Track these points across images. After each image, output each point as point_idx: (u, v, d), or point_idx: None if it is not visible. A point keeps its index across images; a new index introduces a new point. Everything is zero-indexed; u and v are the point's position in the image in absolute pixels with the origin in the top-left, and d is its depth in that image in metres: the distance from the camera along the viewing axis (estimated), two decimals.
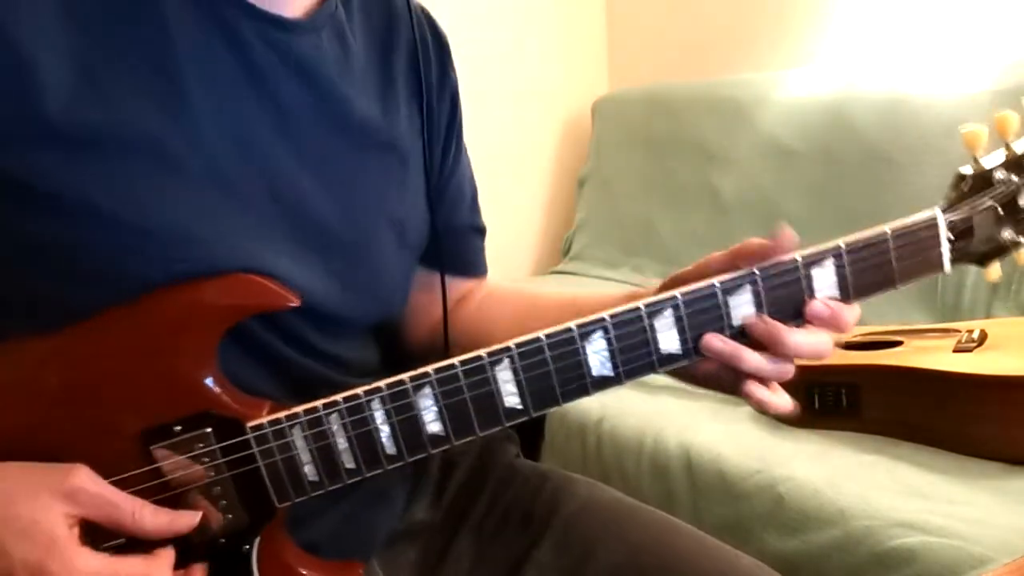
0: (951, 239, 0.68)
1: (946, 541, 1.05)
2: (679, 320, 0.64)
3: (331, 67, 0.72)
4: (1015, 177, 0.68)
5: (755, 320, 0.65)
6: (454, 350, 0.74)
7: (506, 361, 0.63)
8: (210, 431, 0.62)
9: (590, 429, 1.60)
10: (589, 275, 2.37)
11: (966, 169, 0.69)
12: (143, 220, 0.60)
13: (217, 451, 0.63)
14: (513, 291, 0.94)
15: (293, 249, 0.68)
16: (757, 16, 2.23)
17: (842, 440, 1.32)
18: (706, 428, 1.44)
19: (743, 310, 0.65)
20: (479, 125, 1.23)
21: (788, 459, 1.29)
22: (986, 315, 1.55)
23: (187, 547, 0.63)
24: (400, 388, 0.63)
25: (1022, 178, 0.68)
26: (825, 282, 0.66)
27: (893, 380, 1.29)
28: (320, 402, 0.63)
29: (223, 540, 0.64)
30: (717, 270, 0.66)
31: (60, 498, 0.57)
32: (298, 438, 0.63)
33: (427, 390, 0.63)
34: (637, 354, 0.65)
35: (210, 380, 0.63)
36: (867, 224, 0.67)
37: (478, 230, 0.93)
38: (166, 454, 0.62)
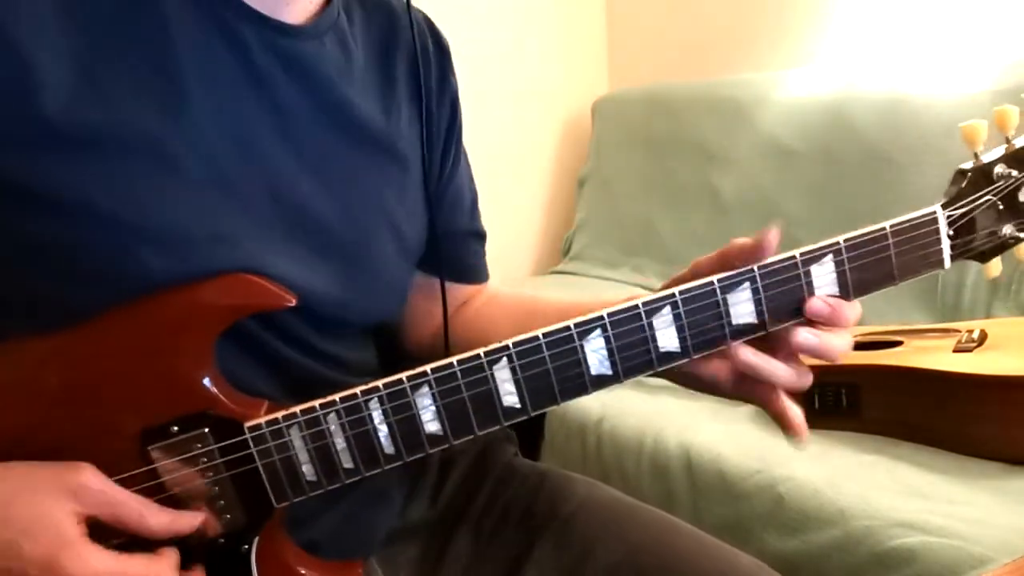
0: (951, 235, 0.68)
1: (946, 541, 1.05)
2: (678, 318, 0.64)
3: (332, 71, 0.72)
4: (1015, 172, 0.68)
5: (819, 305, 0.65)
6: (453, 355, 0.74)
7: (504, 360, 0.63)
8: (208, 431, 0.62)
9: (590, 429, 1.60)
10: (589, 275, 2.37)
11: (966, 165, 0.69)
12: (142, 220, 0.60)
13: (215, 451, 0.62)
14: (513, 297, 0.94)
15: (292, 249, 0.68)
16: (757, 16, 2.23)
17: (842, 440, 1.31)
18: (706, 428, 1.44)
19: (741, 308, 0.65)
20: (479, 125, 1.23)
21: (788, 459, 1.29)
22: (986, 315, 1.55)
23: (186, 547, 0.62)
24: (398, 388, 0.63)
25: (1022, 173, 0.68)
26: (825, 279, 0.66)
27: (893, 380, 1.28)
28: (317, 402, 0.63)
29: (222, 540, 0.64)
30: (708, 273, 0.66)
31: (67, 495, 0.57)
32: (296, 438, 0.63)
33: (425, 389, 0.63)
34: (636, 352, 0.65)
35: (208, 380, 0.63)
36: (867, 224, 0.67)
37: (478, 235, 0.93)
38: (163, 454, 0.62)
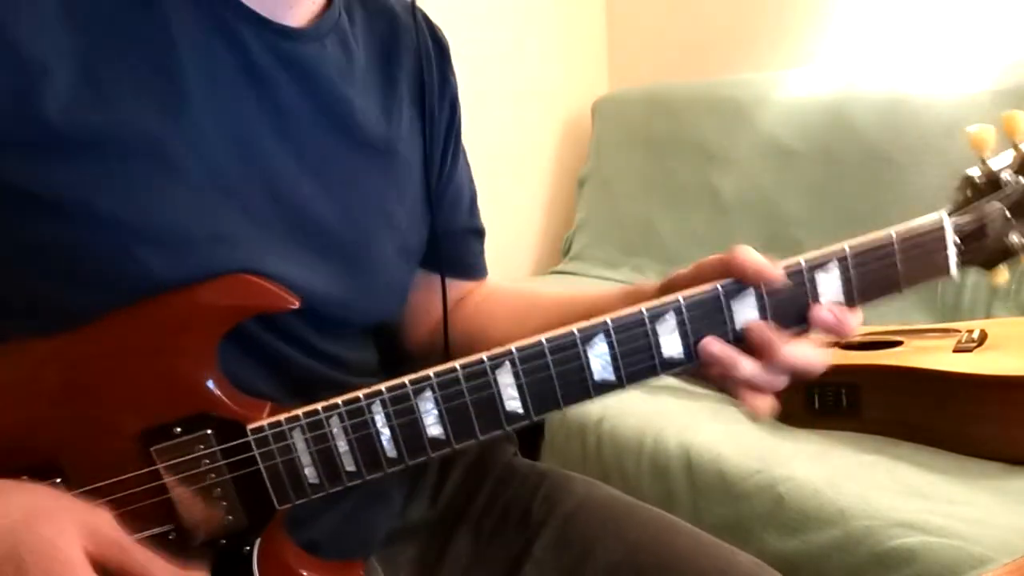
0: (958, 244, 0.66)
1: (946, 541, 1.05)
2: (681, 324, 0.64)
3: (333, 72, 0.72)
4: (1023, 179, 0.66)
5: (756, 326, 0.64)
6: (452, 350, 0.74)
7: (507, 364, 0.62)
8: (210, 432, 0.62)
9: (590, 429, 1.60)
10: (589, 275, 2.37)
11: (973, 171, 0.67)
12: (143, 221, 0.60)
13: (217, 452, 0.62)
14: (511, 291, 0.94)
15: (293, 250, 0.68)
16: (757, 16, 2.23)
17: (842, 440, 1.32)
18: (706, 428, 1.44)
19: (746, 315, 0.64)
20: (479, 125, 1.23)
21: (788, 459, 1.29)
22: (986, 315, 1.55)
23: (188, 549, 0.63)
24: (401, 391, 0.63)
25: None
26: (830, 287, 0.64)
27: (893, 380, 1.29)
28: (320, 404, 0.63)
29: (224, 541, 0.64)
30: (710, 276, 0.65)
31: (81, 530, 0.56)
32: (298, 440, 0.63)
33: (428, 393, 0.63)
34: (639, 358, 0.64)
35: (210, 382, 0.63)
36: (867, 224, 0.66)
37: (477, 232, 0.93)
38: (166, 455, 0.62)
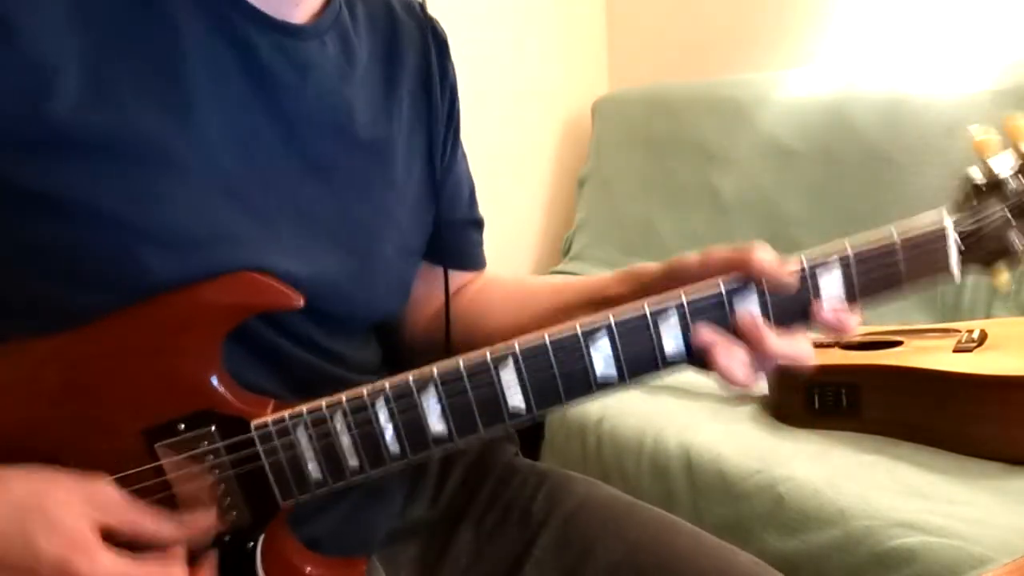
0: (960, 247, 0.66)
1: (946, 541, 1.05)
2: (684, 324, 0.64)
3: (334, 71, 0.72)
4: None
5: (747, 318, 0.64)
6: (452, 342, 0.74)
7: (510, 362, 0.63)
8: (214, 429, 0.62)
9: (590, 429, 1.60)
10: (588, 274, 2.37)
11: (975, 173, 0.67)
12: (147, 222, 0.60)
13: (221, 449, 0.63)
14: (508, 279, 0.94)
15: (296, 250, 0.68)
16: (757, 16, 2.23)
17: (842, 440, 1.32)
18: (706, 428, 1.44)
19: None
20: (479, 125, 1.24)
21: (788, 459, 1.29)
22: (986, 315, 1.55)
23: (193, 546, 0.63)
24: (404, 387, 0.63)
25: None
26: (831, 286, 0.65)
27: (893, 380, 1.29)
28: (324, 401, 0.63)
29: (227, 538, 0.65)
30: (719, 272, 0.65)
31: (86, 502, 0.58)
32: (302, 437, 0.63)
33: (431, 390, 0.63)
34: (641, 356, 0.64)
35: (214, 379, 0.63)
36: (867, 224, 0.66)
37: (476, 223, 0.93)
38: (170, 452, 0.62)
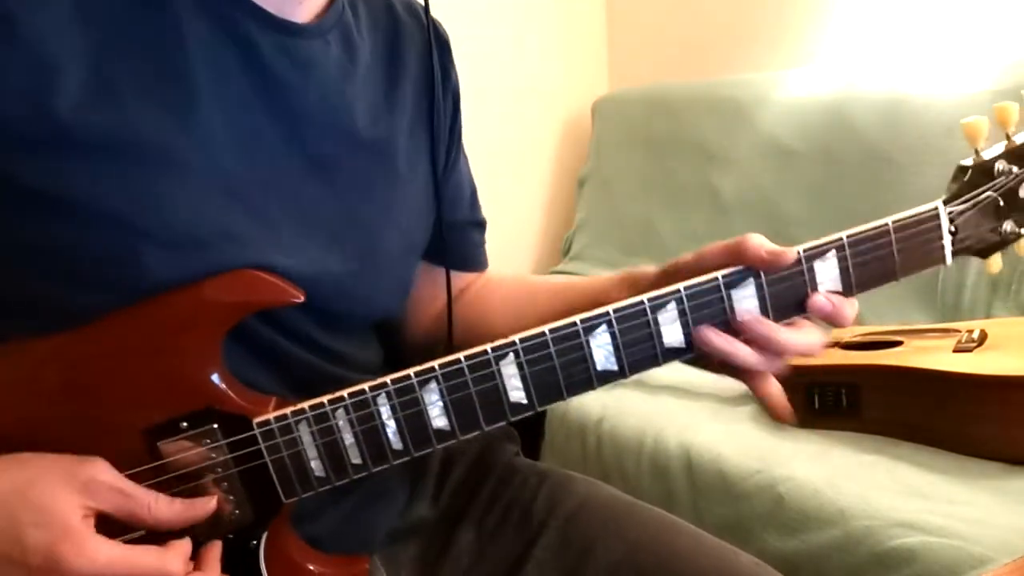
0: (952, 231, 0.68)
1: (946, 541, 1.05)
2: (682, 314, 0.65)
3: (337, 71, 0.72)
4: (1016, 168, 0.68)
5: (749, 318, 0.65)
6: (454, 342, 0.74)
7: (511, 355, 0.63)
8: (216, 427, 0.62)
9: (590, 429, 1.60)
10: (589, 275, 2.36)
11: (967, 161, 0.69)
12: (150, 221, 0.60)
13: (224, 447, 0.63)
14: (509, 280, 0.95)
15: (298, 249, 0.68)
16: (757, 16, 2.23)
17: (842, 440, 1.32)
18: (706, 428, 1.44)
19: (746, 303, 0.65)
20: (479, 125, 1.23)
21: (788, 459, 1.29)
22: (986, 315, 1.55)
23: (195, 544, 0.62)
24: (406, 383, 0.63)
25: (1023, 169, 0.69)
26: (827, 275, 0.66)
27: (893, 380, 1.29)
28: (326, 398, 0.63)
29: (230, 536, 0.65)
30: (715, 264, 0.66)
31: (76, 488, 0.57)
32: (304, 434, 0.63)
33: (432, 385, 0.63)
34: (641, 347, 0.65)
35: (216, 376, 0.63)
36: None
37: (478, 224, 0.93)
38: (172, 450, 0.62)
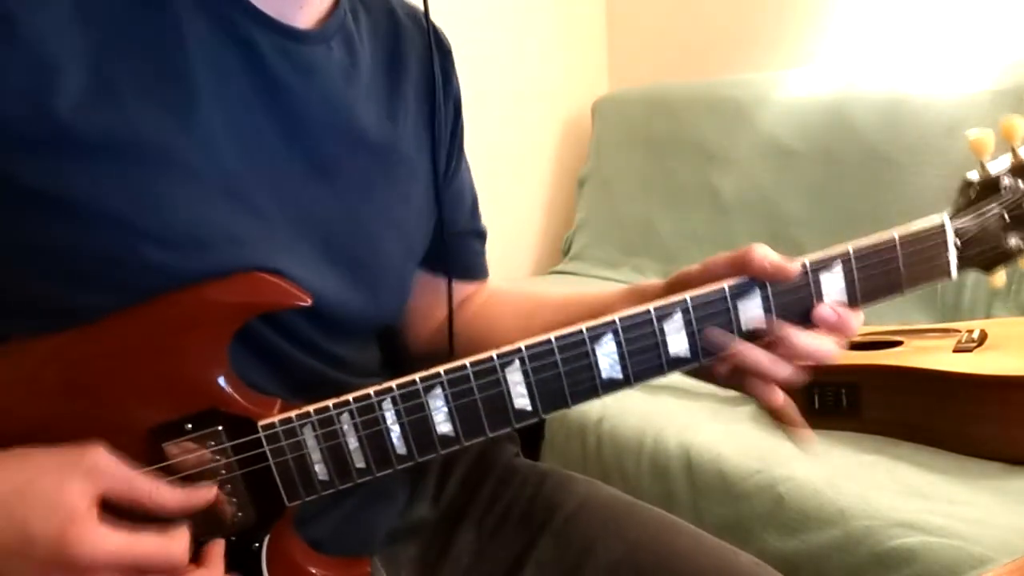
0: (958, 246, 0.68)
1: (946, 541, 1.05)
2: (688, 323, 0.65)
3: (339, 76, 0.72)
4: (1022, 183, 0.68)
5: (765, 321, 0.66)
6: (456, 353, 0.75)
7: (516, 362, 0.63)
8: (221, 429, 0.62)
9: (590, 429, 1.60)
10: (589, 275, 2.37)
11: (973, 175, 0.69)
12: (151, 222, 0.60)
13: (228, 449, 0.63)
14: (515, 293, 0.94)
15: (300, 252, 0.68)
16: (757, 16, 2.24)
17: (842, 440, 1.32)
18: (706, 428, 1.44)
19: (752, 314, 0.66)
20: (479, 125, 1.23)
21: (788, 459, 1.29)
22: (986, 315, 1.56)
23: (197, 545, 0.63)
24: (411, 388, 0.63)
25: None
26: (833, 287, 0.66)
27: (893, 380, 1.29)
28: (331, 401, 0.63)
29: (233, 538, 0.65)
30: (721, 275, 0.66)
31: (80, 475, 0.57)
32: (309, 437, 0.63)
33: (438, 391, 0.63)
34: (646, 356, 0.65)
35: (221, 378, 0.63)
36: (867, 224, 0.68)
37: (478, 234, 0.93)
38: (177, 451, 0.62)
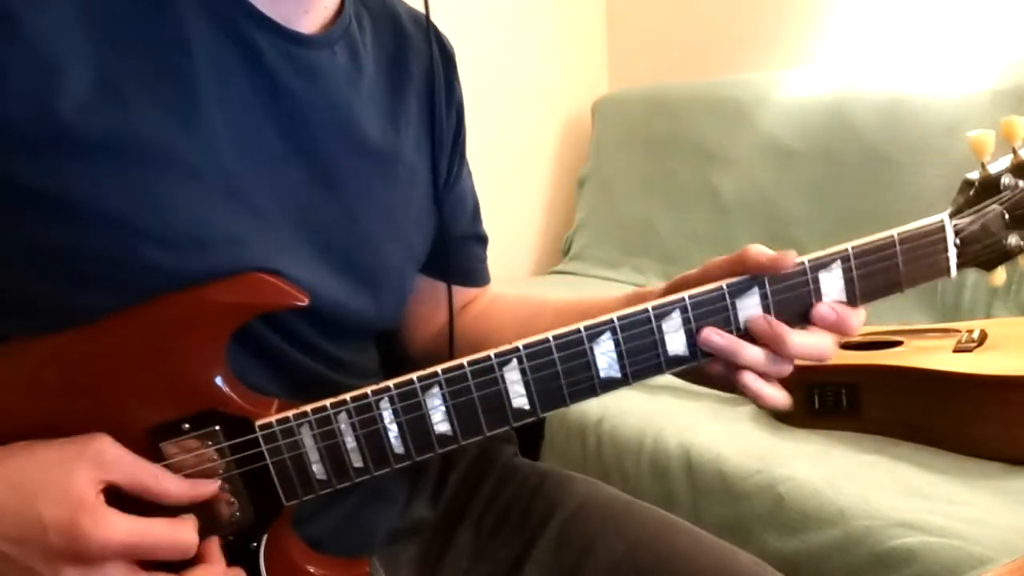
0: (958, 245, 0.68)
1: (946, 541, 1.05)
2: (687, 322, 0.65)
3: (342, 80, 0.72)
4: (1022, 182, 0.68)
5: (759, 320, 0.65)
6: (456, 357, 0.75)
7: (514, 361, 0.63)
8: (219, 429, 0.62)
9: (590, 429, 1.60)
10: (589, 275, 2.37)
11: (973, 175, 0.69)
12: (152, 222, 0.60)
13: (226, 449, 0.63)
14: (515, 298, 0.94)
15: (300, 254, 0.68)
16: (757, 16, 2.24)
17: (842, 440, 1.32)
18: (706, 428, 1.44)
19: (750, 312, 0.65)
20: (479, 125, 1.24)
21: (788, 459, 1.29)
22: (986, 315, 1.55)
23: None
24: (409, 388, 0.63)
25: None
26: (832, 286, 0.66)
27: (893, 380, 1.29)
28: (328, 401, 0.63)
29: (231, 537, 0.65)
30: (719, 276, 0.66)
31: (86, 463, 0.57)
32: (307, 437, 0.63)
33: (435, 390, 0.63)
34: (645, 355, 0.65)
35: (219, 378, 0.63)
36: (867, 224, 0.68)
37: (479, 239, 0.93)
38: (175, 451, 0.62)
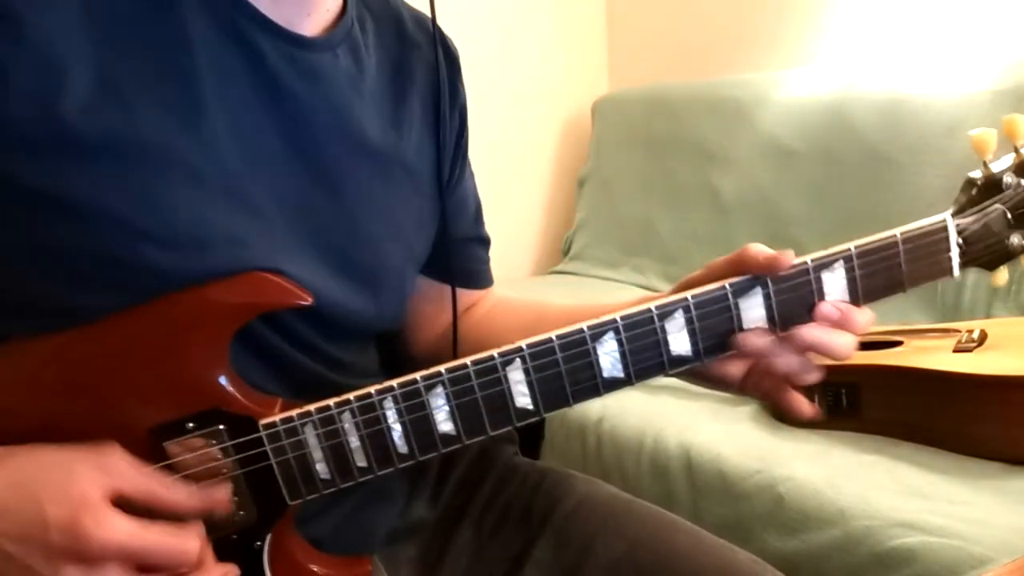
0: (961, 244, 0.68)
1: (946, 541, 1.05)
2: (690, 322, 0.65)
3: (344, 82, 0.72)
4: None
5: (826, 305, 0.65)
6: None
7: (518, 361, 0.63)
8: (223, 428, 0.63)
9: (590, 429, 1.60)
10: (589, 275, 2.37)
11: (975, 174, 0.69)
12: (153, 223, 0.60)
13: (230, 448, 0.63)
14: (519, 301, 0.94)
15: (301, 255, 0.68)
16: (757, 16, 2.24)
17: (842, 440, 1.32)
18: (706, 428, 1.44)
19: (754, 312, 0.66)
20: (479, 125, 1.23)
21: (788, 459, 1.29)
22: (986, 315, 1.56)
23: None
24: (412, 387, 0.63)
25: None
26: (835, 286, 0.66)
27: (893, 380, 1.29)
28: (332, 401, 0.63)
29: (235, 537, 0.65)
30: (721, 276, 0.66)
31: (92, 468, 0.57)
32: (310, 436, 0.63)
33: (439, 389, 0.63)
34: (648, 355, 0.65)
35: (223, 378, 0.63)
36: (867, 224, 0.68)
37: (482, 241, 0.93)
38: (178, 451, 0.62)
